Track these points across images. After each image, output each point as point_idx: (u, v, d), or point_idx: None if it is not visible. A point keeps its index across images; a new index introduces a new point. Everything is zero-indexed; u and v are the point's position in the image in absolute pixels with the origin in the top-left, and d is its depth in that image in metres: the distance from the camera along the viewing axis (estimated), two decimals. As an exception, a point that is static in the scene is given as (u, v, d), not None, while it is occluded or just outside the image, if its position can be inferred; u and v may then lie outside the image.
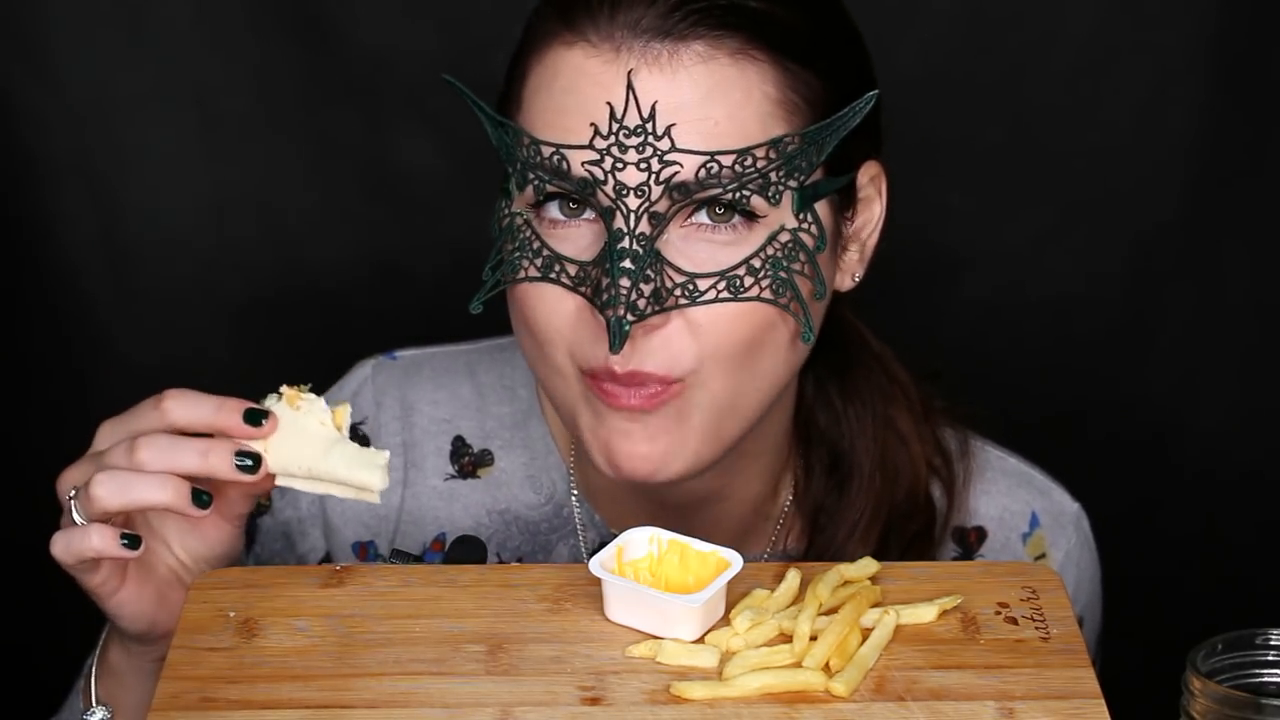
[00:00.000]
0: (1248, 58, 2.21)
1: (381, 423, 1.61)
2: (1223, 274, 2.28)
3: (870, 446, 1.56)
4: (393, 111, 2.25)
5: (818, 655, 1.24)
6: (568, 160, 1.37)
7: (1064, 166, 2.26)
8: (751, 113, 1.38)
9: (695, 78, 1.37)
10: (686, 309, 1.38)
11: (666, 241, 1.38)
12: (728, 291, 1.38)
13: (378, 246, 2.29)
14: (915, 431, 1.57)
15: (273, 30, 2.22)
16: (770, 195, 1.38)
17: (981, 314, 2.28)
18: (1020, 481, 1.61)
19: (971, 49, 2.18)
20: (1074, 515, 1.63)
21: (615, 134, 1.36)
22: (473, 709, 1.21)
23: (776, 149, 1.38)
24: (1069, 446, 2.11)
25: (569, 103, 1.38)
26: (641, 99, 1.36)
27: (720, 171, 1.36)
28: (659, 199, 1.37)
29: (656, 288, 1.37)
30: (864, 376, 1.57)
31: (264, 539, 1.61)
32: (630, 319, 1.36)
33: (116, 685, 1.45)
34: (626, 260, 1.37)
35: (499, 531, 1.59)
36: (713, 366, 1.40)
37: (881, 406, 1.57)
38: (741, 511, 1.56)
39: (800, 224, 1.40)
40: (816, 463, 1.57)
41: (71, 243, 2.27)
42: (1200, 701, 1.22)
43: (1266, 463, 2.31)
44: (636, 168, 1.36)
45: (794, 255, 1.40)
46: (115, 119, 2.25)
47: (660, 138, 1.36)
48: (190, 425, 1.37)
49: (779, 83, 1.39)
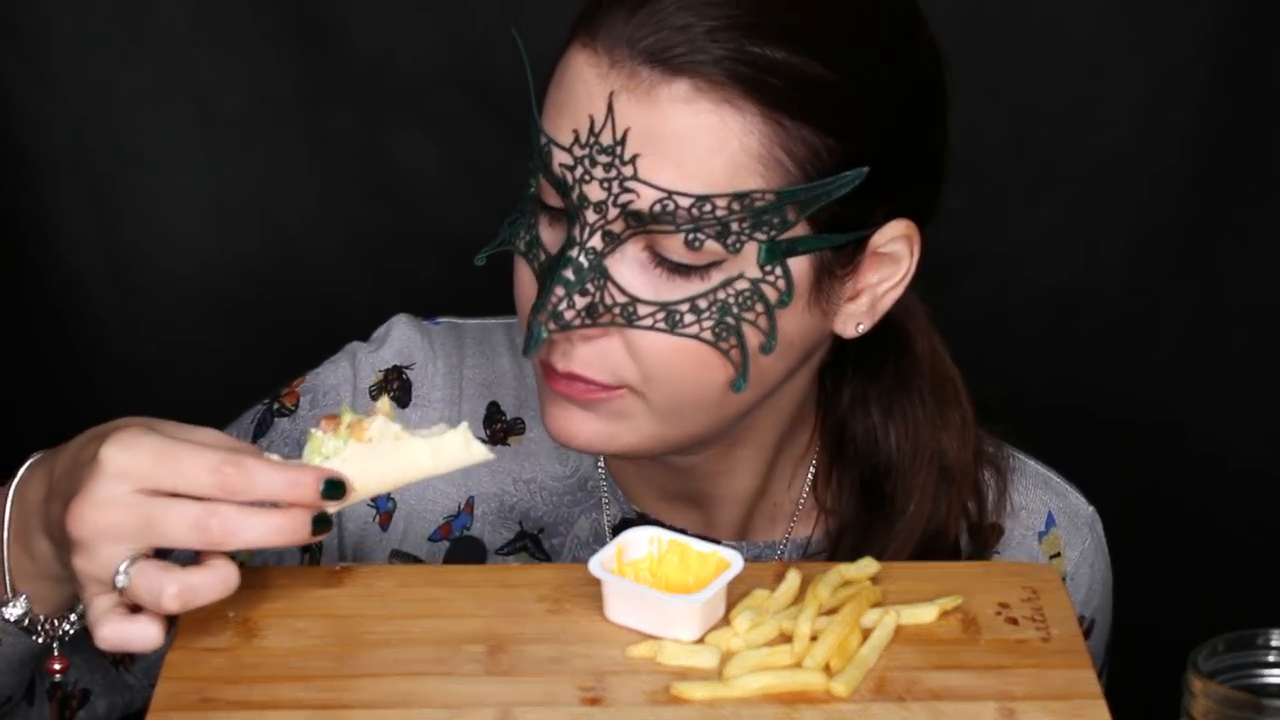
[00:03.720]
0: (1247, 57, 2.22)
1: (429, 372, 1.61)
2: (1223, 274, 2.28)
3: (910, 481, 1.54)
4: (392, 111, 2.25)
5: (818, 655, 1.24)
6: (552, 155, 1.39)
7: (1064, 166, 2.26)
8: (721, 162, 1.36)
9: (671, 116, 1.36)
10: (626, 330, 1.39)
11: (620, 259, 1.38)
12: (664, 323, 1.38)
13: (377, 246, 2.29)
14: (961, 468, 1.55)
15: (273, 30, 2.23)
16: (729, 243, 1.37)
17: (981, 313, 2.28)
18: (1038, 482, 1.62)
19: (971, 49, 2.18)
20: (1089, 518, 1.63)
21: (589, 147, 1.37)
22: (473, 709, 1.21)
23: (740, 201, 1.36)
24: (1069, 446, 2.11)
25: (565, 101, 1.39)
26: (618, 122, 1.36)
27: (676, 211, 1.36)
28: (614, 220, 1.37)
29: (594, 302, 1.38)
30: (915, 399, 1.55)
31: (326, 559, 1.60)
32: (551, 327, 1.37)
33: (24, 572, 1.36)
34: (569, 270, 1.37)
35: (524, 499, 1.59)
36: (652, 387, 1.41)
37: (930, 436, 1.55)
38: (750, 497, 1.56)
39: (765, 275, 1.38)
40: (846, 480, 1.57)
41: (71, 243, 2.27)
42: (1201, 702, 1.22)
43: (1267, 462, 2.31)
44: (600, 185, 1.37)
45: (749, 305, 1.39)
46: (115, 119, 2.25)
47: (626, 163, 1.36)
48: (260, 499, 1.25)
49: (765, 136, 1.36)
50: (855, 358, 1.55)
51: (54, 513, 1.29)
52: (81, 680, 1.51)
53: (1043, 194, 2.27)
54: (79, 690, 1.51)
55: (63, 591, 1.34)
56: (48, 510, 1.30)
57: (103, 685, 1.53)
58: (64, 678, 1.42)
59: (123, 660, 1.52)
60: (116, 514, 1.24)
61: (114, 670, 1.52)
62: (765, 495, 1.57)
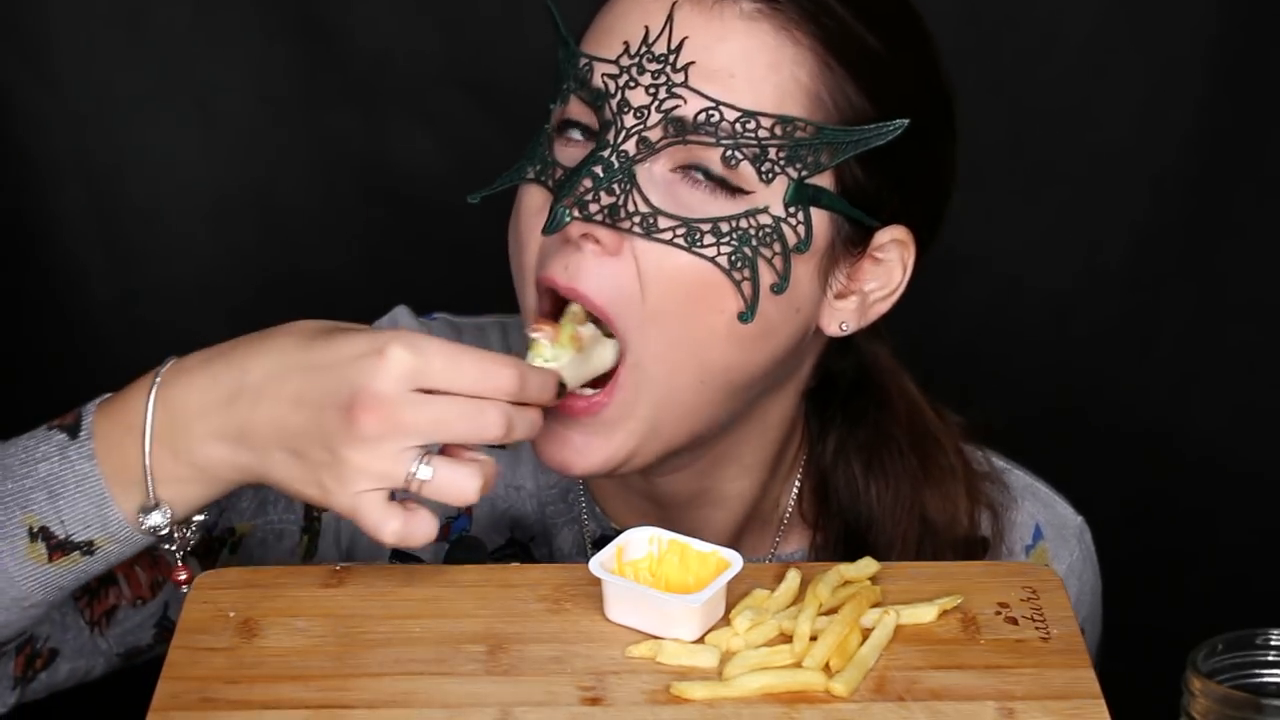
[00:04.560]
0: (1247, 57, 2.22)
1: None
2: (1223, 274, 2.28)
3: (889, 533, 1.53)
4: (393, 111, 2.25)
5: (818, 655, 1.24)
6: (593, 70, 1.40)
7: (1064, 166, 2.26)
8: (773, 85, 1.38)
9: (732, 31, 1.38)
10: (643, 252, 1.38)
11: (648, 173, 1.39)
12: (684, 240, 1.38)
13: (377, 246, 2.29)
14: (948, 520, 1.55)
15: (273, 30, 2.23)
16: (762, 170, 1.38)
17: (981, 313, 2.28)
18: (1025, 494, 1.61)
19: (971, 49, 2.18)
20: (1077, 529, 1.62)
21: (639, 56, 1.39)
22: (473, 709, 1.21)
23: (784, 126, 1.38)
24: (1068, 446, 2.12)
25: (615, 23, 1.41)
26: (676, 32, 1.38)
27: (719, 122, 1.37)
28: (654, 126, 1.38)
29: (616, 204, 1.38)
30: (896, 457, 1.55)
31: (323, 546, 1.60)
32: (575, 214, 1.37)
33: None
34: (598, 166, 1.38)
35: (515, 505, 1.59)
36: (649, 327, 1.39)
37: (910, 493, 1.54)
38: (734, 516, 1.56)
39: (788, 216, 1.40)
40: (830, 532, 1.57)
41: (71, 243, 2.27)
42: (1201, 702, 1.22)
43: (1266, 463, 2.31)
44: (645, 90, 1.38)
45: (768, 240, 1.39)
46: (115, 119, 2.25)
47: (677, 71, 1.38)
48: (525, 399, 1.32)
49: (815, 73, 1.39)
50: (839, 403, 1.55)
51: (241, 413, 1.31)
52: (53, 638, 1.49)
53: (1042, 194, 2.27)
54: (47, 649, 1.49)
55: (205, 495, 1.35)
56: (231, 411, 1.32)
57: (73, 647, 1.50)
58: (37, 633, 1.44)
59: (99, 622, 1.52)
60: (410, 411, 1.28)
61: (88, 631, 1.51)
62: (747, 515, 1.57)
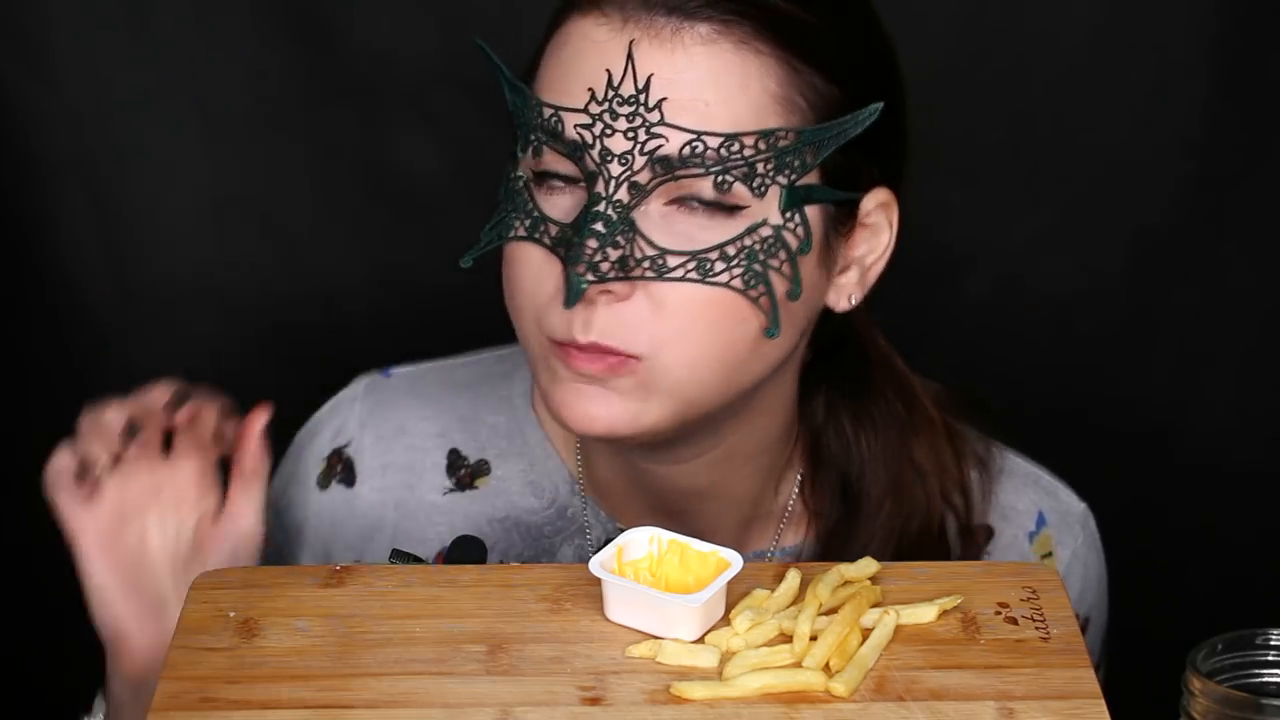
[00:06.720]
0: (1248, 58, 2.21)
1: (364, 444, 1.62)
2: (1223, 274, 2.28)
3: (881, 477, 1.55)
4: (393, 112, 2.25)
5: (818, 655, 1.24)
6: (563, 122, 1.39)
7: (1064, 166, 2.26)
8: (747, 102, 1.38)
9: (695, 58, 1.38)
10: (656, 287, 1.38)
11: (645, 214, 1.39)
12: (696, 273, 1.38)
13: (377, 247, 2.29)
14: (936, 466, 1.57)
15: (273, 30, 2.22)
16: (755, 186, 1.38)
17: (981, 313, 2.28)
18: (1028, 481, 1.62)
19: (971, 49, 2.18)
20: (1081, 515, 1.63)
21: (609, 101, 1.38)
22: (473, 709, 1.21)
23: (767, 140, 1.38)
24: (1069, 446, 2.11)
25: (573, 68, 1.40)
26: (640, 70, 1.37)
27: (705, 152, 1.37)
28: (641, 169, 1.38)
29: (624, 255, 1.38)
30: (882, 406, 1.57)
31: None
32: (590, 278, 1.37)
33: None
34: (599, 223, 1.37)
35: (501, 539, 1.59)
36: (675, 350, 1.40)
37: (898, 439, 1.56)
38: (740, 509, 1.56)
39: (786, 222, 1.40)
40: (827, 486, 1.57)
41: (71, 243, 2.27)
42: (1200, 702, 1.22)
43: (1267, 462, 2.31)
44: (624, 136, 1.37)
45: (773, 251, 1.40)
46: (115, 119, 2.25)
47: (651, 110, 1.37)
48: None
49: (782, 79, 1.39)
50: (821, 367, 1.55)
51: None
52: None
53: (1042, 194, 2.27)
54: None
55: None
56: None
57: None
58: None
59: None
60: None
61: None
62: (753, 507, 1.57)
